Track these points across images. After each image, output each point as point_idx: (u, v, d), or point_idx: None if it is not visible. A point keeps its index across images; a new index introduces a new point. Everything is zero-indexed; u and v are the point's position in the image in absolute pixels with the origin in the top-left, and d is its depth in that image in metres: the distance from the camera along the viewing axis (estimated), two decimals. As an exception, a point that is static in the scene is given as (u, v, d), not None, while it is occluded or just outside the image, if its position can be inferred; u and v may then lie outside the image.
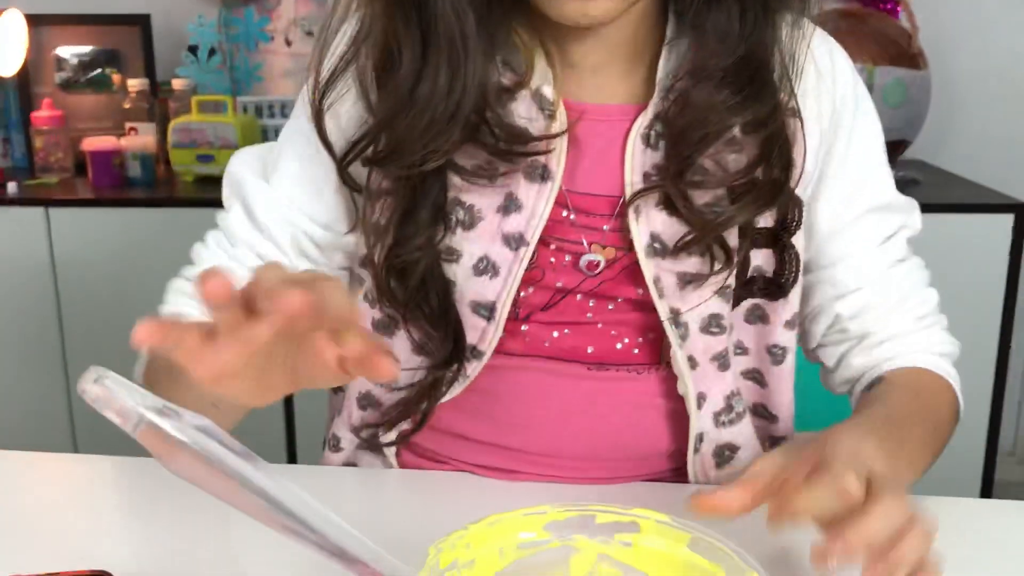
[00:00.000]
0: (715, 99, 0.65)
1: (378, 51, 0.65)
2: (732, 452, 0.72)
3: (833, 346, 0.76)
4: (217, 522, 0.60)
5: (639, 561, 0.43)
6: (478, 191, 0.67)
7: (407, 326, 0.69)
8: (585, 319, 0.70)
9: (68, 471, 0.77)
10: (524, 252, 0.67)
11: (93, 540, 0.62)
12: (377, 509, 0.68)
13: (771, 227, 0.70)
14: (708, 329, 0.69)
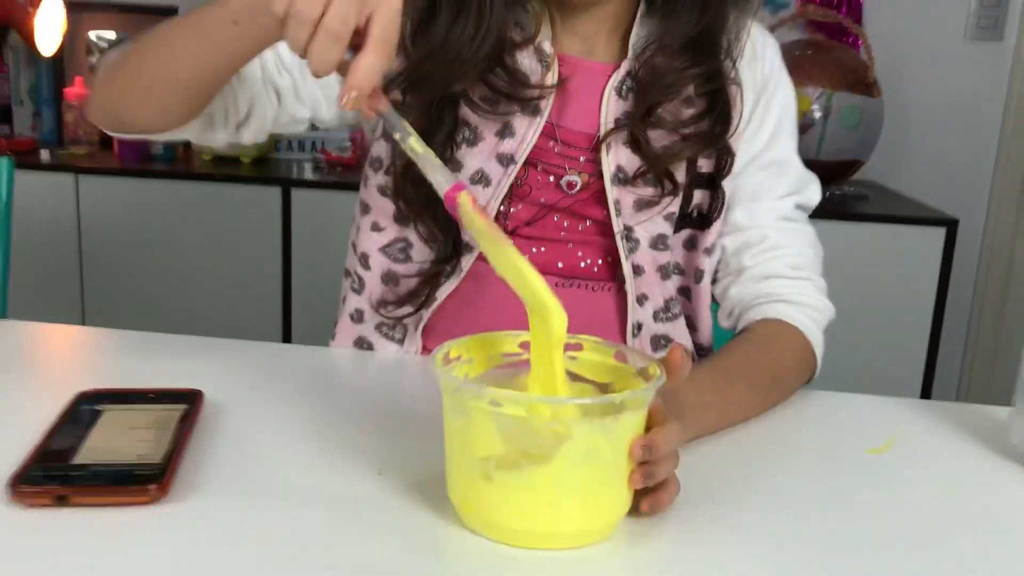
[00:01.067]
0: (674, 64, 0.84)
1: (419, 9, 0.83)
2: (667, 342, 0.91)
3: (719, 281, 0.94)
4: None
5: (581, 368, 0.63)
6: (482, 118, 0.86)
7: (417, 221, 0.88)
8: (559, 237, 0.89)
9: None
10: (512, 169, 0.86)
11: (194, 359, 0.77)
12: (393, 398, 0.85)
13: (709, 172, 0.89)
14: (656, 246, 0.88)
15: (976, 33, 2.41)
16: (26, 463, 0.59)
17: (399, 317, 0.90)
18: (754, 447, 0.74)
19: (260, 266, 2.13)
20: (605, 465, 0.54)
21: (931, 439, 0.76)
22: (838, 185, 2.28)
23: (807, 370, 0.87)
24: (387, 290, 0.92)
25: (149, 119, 0.81)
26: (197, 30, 0.73)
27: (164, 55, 0.76)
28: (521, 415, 0.53)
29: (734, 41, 0.87)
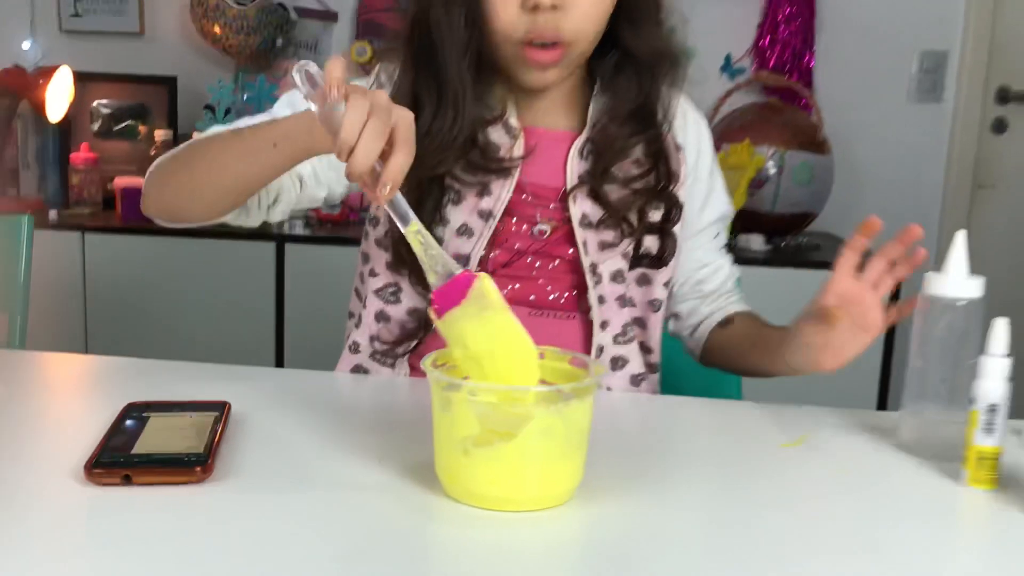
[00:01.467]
0: (622, 131, 1.02)
1: (407, 102, 0.98)
2: (624, 363, 1.07)
3: (688, 300, 1.14)
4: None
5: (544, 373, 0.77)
6: (463, 180, 1.01)
7: (412, 271, 1.03)
8: (531, 275, 1.04)
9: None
10: (491, 222, 1.02)
11: (215, 382, 0.91)
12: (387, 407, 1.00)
13: (658, 220, 1.05)
14: (615, 279, 1.04)
15: (917, 96, 2.62)
16: (95, 452, 0.73)
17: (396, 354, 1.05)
18: (689, 440, 0.89)
19: (255, 316, 2.27)
20: (560, 441, 0.68)
21: (838, 437, 0.91)
22: (793, 236, 2.46)
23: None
24: (381, 328, 1.07)
25: (197, 215, 0.98)
26: (241, 149, 0.90)
27: (212, 167, 0.93)
28: (493, 401, 0.67)
29: (667, 110, 1.05)
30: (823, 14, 2.57)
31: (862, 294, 0.88)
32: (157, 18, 2.66)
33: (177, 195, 0.97)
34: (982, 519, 0.75)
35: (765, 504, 0.74)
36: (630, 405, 1.03)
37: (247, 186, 0.93)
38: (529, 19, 0.95)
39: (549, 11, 0.94)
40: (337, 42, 2.65)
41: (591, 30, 0.98)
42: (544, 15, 0.94)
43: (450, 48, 0.97)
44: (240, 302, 2.27)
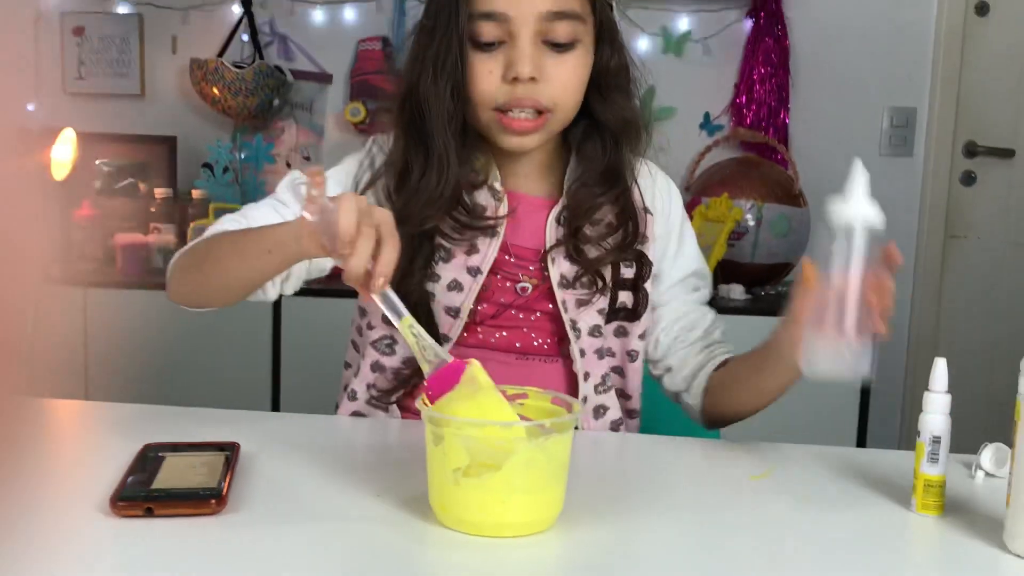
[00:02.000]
0: (592, 192, 1.10)
1: (399, 167, 1.09)
2: (604, 411, 1.13)
3: (678, 351, 1.17)
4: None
5: (527, 411, 0.85)
6: (453, 239, 1.09)
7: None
8: (516, 325, 1.12)
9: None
10: (479, 278, 1.09)
11: (223, 425, 0.98)
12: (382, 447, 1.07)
13: (631, 277, 1.13)
14: (592, 333, 1.12)
15: (889, 150, 2.73)
16: (119, 487, 0.80)
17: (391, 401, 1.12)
18: (664, 473, 0.96)
19: (252, 368, 2.34)
20: (542, 472, 0.76)
21: (802, 470, 0.98)
22: (772, 285, 2.54)
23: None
24: (377, 377, 1.14)
25: (216, 305, 1.09)
26: (241, 254, 0.99)
27: (218, 269, 1.03)
28: (480, 435, 0.75)
29: (633, 172, 1.14)
30: (797, 73, 2.69)
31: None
32: (157, 80, 2.77)
33: (194, 290, 1.09)
34: (930, 542, 0.82)
35: (733, 530, 0.81)
36: (610, 442, 1.10)
37: (251, 284, 1.04)
38: (509, 89, 1.03)
39: (529, 82, 1.02)
40: (331, 102, 2.76)
41: (569, 100, 1.06)
42: (523, 86, 1.02)
43: (437, 115, 1.05)
44: (237, 355, 2.34)
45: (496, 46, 1.04)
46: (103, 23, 2.73)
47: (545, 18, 1.02)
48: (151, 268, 2.46)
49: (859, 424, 2.29)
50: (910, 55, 2.70)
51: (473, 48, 1.04)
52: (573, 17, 1.03)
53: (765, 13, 2.66)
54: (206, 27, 2.73)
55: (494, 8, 1.02)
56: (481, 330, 1.12)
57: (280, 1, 2.73)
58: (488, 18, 1.02)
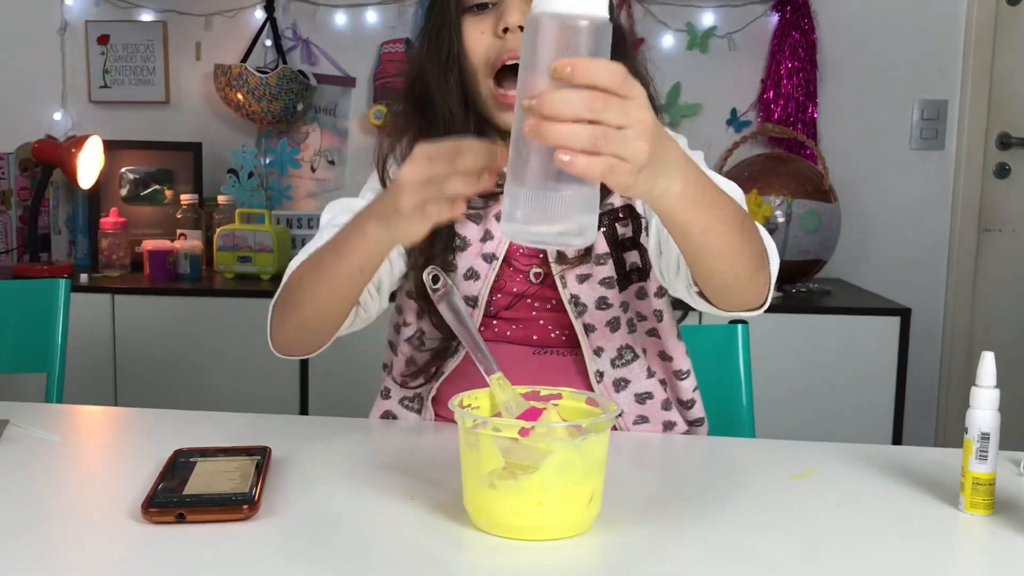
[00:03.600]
0: None
1: (412, 140, 1.09)
2: (625, 384, 1.11)
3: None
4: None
5: (562, 412, 0.83)
6: (469, 228, 1.09)
7: (430, 315, 1.10)
8: (531, 316, 1.10)
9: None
10: (495, 264, 1.09)
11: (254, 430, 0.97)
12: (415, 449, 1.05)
13: (630, 236, 1.10)
14: (599, 306, 1.09)
15: (919, 143, 2.68)
16: (150, 493, 0.79)
17: (416, 387, 1.11)
18: (703, 473, 0.94)
19: (279, 371, 2.33)
20: (578, 473, 0.74)
21: (843, 469, 0.96)
22: (804, 282, 2.51)
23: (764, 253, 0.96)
24: (406, 369, 1.14)
25: (324, 339, 1.07)
26: (330, 273, 0.96)
27: (315, 299, 1.00)
28: (515, 437, 0.73)
29: None
30: (825, 67, 2.65)
31: None
32: (182, 87, 2.77)
33: (297, 335, 1.06)
34: (980, 542, 0.80)
35: (775, 532, 0.79)
36: (646, 441, 1.08)
37: (350, 296, 1.01)
38: (500, 43, 1.03)
39: (519, 32, 1.02)
40: (355, 105, 2.75)
41: None
42: (514, 36, 1.03)
43: (437, 85, 1.07)
44: (264, 358, 2.33)
45: (488, 8, 1.05)
46: (127, 31, 2.74)
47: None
48: (177, 275, 2.47)
49: (895, 420, 2.25)
50: (940, 47, 2.65)
51: (466, 15, 1.06)
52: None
53: (791, 7, 2.62)
54: (229, 33, 2.74)
55: None
56: (497, 323, 1.11)
57: (302, 5, 2.73)
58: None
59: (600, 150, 0.65)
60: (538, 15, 0.66)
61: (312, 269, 1.00)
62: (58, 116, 2.78)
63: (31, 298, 1.69)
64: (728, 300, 0.97)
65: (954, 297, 2.70)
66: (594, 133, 0.64)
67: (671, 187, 0.74)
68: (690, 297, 1.03)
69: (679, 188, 0.75)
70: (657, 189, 0.73)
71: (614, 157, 0.66)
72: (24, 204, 2.63)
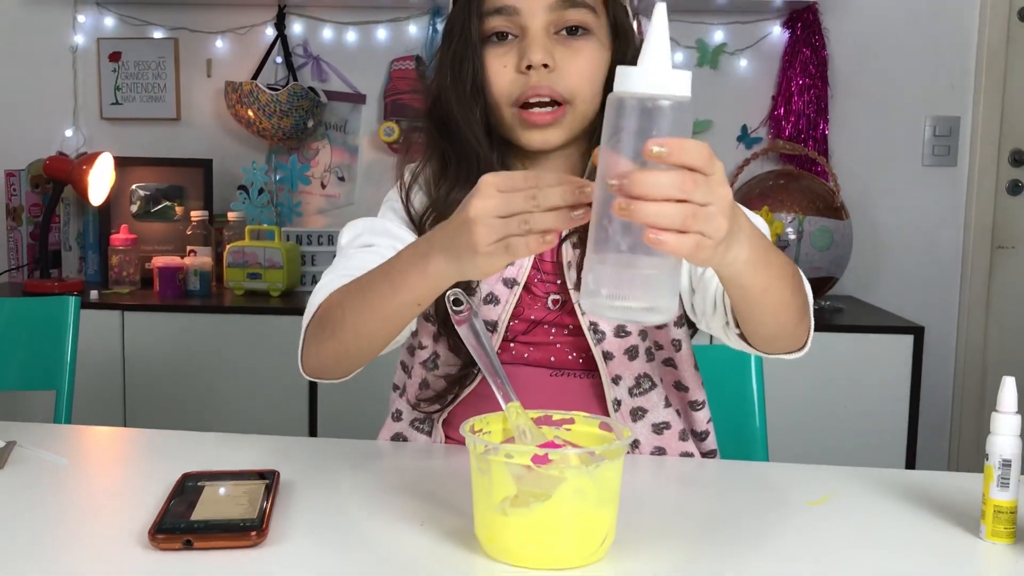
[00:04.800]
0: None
1: (437, 165, 1.10)
2: (643, 413, 1.09)
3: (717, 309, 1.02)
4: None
5: (574, 437, 0.82)
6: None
7: (448, 338, 1.09)
8: (548, 340, 1.09)
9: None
10: (516, 289, 1.08)
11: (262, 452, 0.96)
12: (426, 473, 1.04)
13: None
14: (618, 334, 1.08)
15: (931, 160, 2.67)
16: (157, 519, 0.78)
17: (429, 412, 1.10)
18: (718, 499, 0.92)
19: (289, 388, 2.32)
20: (592, 501, 0.73)
21: (861, 494, 0.94)
22: (816, 300, 2.49)
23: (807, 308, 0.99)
24: (421, 392, 1.13)
25: (359, 365, 1.03)
26: (383, 314, 0.93)
27: (360, 335, 0.96)
28: (528, 464, 0.72)
29: None
30: (836, 83, 2.64)
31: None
32: (193, 104, 2.78)
33: (335, 361, 1.02)
34: (1002, 572, 0.78)
35: (793, 559, 0.78)
36: (661, 467, 1.07)
37: (390, 339, 0.99)
38: (524, 79, 1.03)
39: (543, 70, 1.02)
40: (366, 122, 2.75)
41: (586, 90, 1.04)
42: (538, 73, 1.02)
43: (461, 116, 1.06)
44: (274, 374, 2.33)
45: (509, 40, 1.04)
46: (139, 48, 2.75)
47: (554, 7, 1.02)
48: (187, 291, 2.46)
49: (908, 439, 2.23)
50: (952, 63, 2.64)
51: (487, 45, 1.05)
52: (583, 5, 1.03)
53: (802, 23, 2.62)
54: (240, 50, 2.74)
55: (503, 2, 1.03)
56: (514, 346, 1.10)
57: (313, 23, 2.73)
58: (498, 13, 1.03)
59: (688, 228, 0.67)
60: (622, 96, 0.67)
61: (358, 297, 0.95)
62: (69, 133, 2.79)
63: (41, 316, 1.69)
64: (772, 346, 0.99)
65: (967, 315, 2.68)
66: (684, 212, 0.66)
67: (740, 255, 0.77)
68: (727, 337, 1.04)
69: (746, 255, 0.78)
70: (728, 258, 0.76)
71: (699, 235, 0.68)
72: (35, 220, 2.64)
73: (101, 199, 2.51)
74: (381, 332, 0.96)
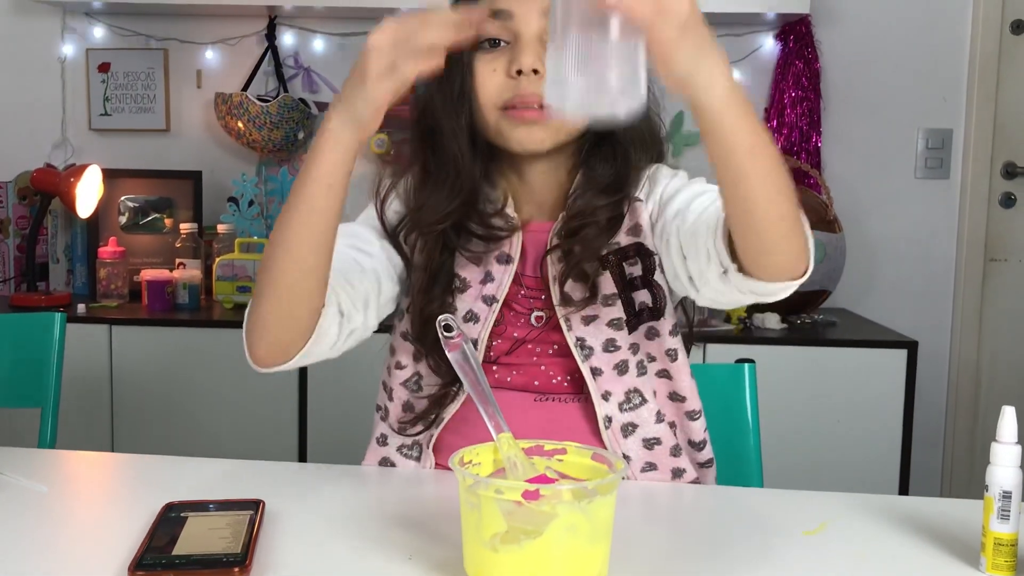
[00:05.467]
0: (590, 202, 1.05)
1: (418, 176, 1.08)
2: (633, 428, 1.07)
3: (698, 233, 0.97)
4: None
5: (566, 468, 0.80)
6: (469, 269, 1.07)
7: (428, 358, 1.07)
8: (532, 361, 1.08)
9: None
10: (495, 307, 1.06)
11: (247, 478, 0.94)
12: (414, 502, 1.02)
13: (640, 275, 1.07)
14: (607, 349, 1.06)
15: (924, 173, 2.66)
16: (138, 554, 0.76)
17: (414, 435, 1.08)
18: (713, 529, 0.91)
19: (278, 404, 2.30)
20: (585, 537, 0.71)
21: (857, 523, 0.93)
22: (809, 313, 2.48)
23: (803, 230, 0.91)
24: (403, 415, 1.10)
25: (303, 326, 0.96)
26: (303, 224, 0.90)
27: (290, 251, 0.92)
28: (518, 499, 0.70)
29: (637, 181, 1.09)
30: (828, 96, 2.64)
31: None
32: (182, 115, 2.76)
33: (273, 321, 0.97)
34: (1002, 605, 0.77)
35: (787, 594, 0.76)
36: (654, 494, 1.05)
37: (321, 255, 0.93)
38: (513, 84, 1.01)
39: (532, 76, 1.00)
40: (356, 134, 2.73)
41: None
42: (528, 79, 1.00)
43: (446, 121, 1.05)
44: (263, 389, 2.30)
45: (500, 46, 1.03)
46: (129, 59, 2.73)
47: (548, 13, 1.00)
48: (176, 305, 2.44)
49: (902, 454, 2.21)
50: (945, 75, 2.64)
51: (478, 52, 1.03)
52: None
53: (794, 35, 2.61)
54: (230, 61, 2.72)
55: (497, 6, 1.01)
56: (497, 369, 1.08)
57: (304, 34, 2.72)
58: (492, 17, 1.01)
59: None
60: None
61: (277, 225, 0.93)
62: (58, 143, 2.76)
63: (26, 332, 1.66)
64: (768, 260, 0.89)
65: (960, 327, 2.67)
66: None
67: (716, 79, 0.76)
68: (727, 285, 0.95)
69: (725, 83, 0.76)
70: (702, 73, 0.75)
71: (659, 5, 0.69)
72: (22, 233, 2.61)
73: (89, 211, 2.49)
74: (305, 254, 0.92)
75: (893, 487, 2.21)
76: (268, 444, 2.30)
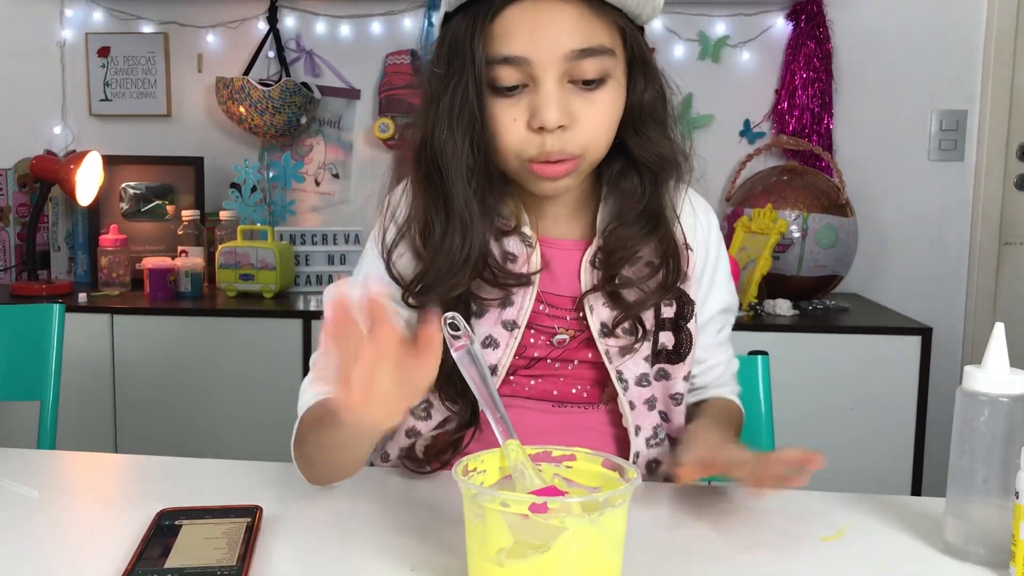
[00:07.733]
0: (630, 232, 1.00)
1: (420, 226, 1.00)
2: (657, 465, 1.05)
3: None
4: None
5: (575, 475, 0.77)
6: (486, 290, 0.99)
7: (439, 390, 1.00)
8: (551, 374, 1.04)
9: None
10: (516, 332, 1.01)
11: (246, 481, 0.92)
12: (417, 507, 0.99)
13: (671, 317, 1.04)
14: (640, 383, 1.03)
15: (938, 155, 2.61)
16: (129, 566, 0.72)
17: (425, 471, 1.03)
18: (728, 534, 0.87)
19: (282, 394, 2.27)
20: (596, 551, 0.67)
21: (877, 528, 0.89)
22: (820, 299, 2.44)
23: (742, 418, 1.17)
24: (409, 444, 1.05)
25: (347, 474, 0.98)
26: (336, 461, 0.94)
27: (330, 467, 0.96)
28: (525, 512, 0.67)
29: (674, 208, 1.04)
30: (841, 77, 2.59)
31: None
32: (184, 100, 2.72)
33: (323, 479, 0.99)
34: (1032, 618, 0.73)
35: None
36: (665, 497, 1.01)
37: (364, 454, 0.94)
38: (538, 139, 0.93)
39: (558, 131, 0.92)
40: (360, 118, 2.69)
41: (601, 142, 0.96)
42: (553, 136, 0.92)
43: (455, 170, 0.96)
44: (266, 378, 2.28)
45: (518, 90, 0.93)
46: (128, 43, 2.69)
47: (570, 57, 0.91)
48: (178, 293, 2.41)
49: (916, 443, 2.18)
50: (959, 56, 2.58)
51: (492, 94, 0.93)
52: (601, 53, 0.92)
53: (806, 16, 2.55)
54: (232, 45, 2.68)
55: (512, 52, 0.91)
56: (514, 379, 1.04)
57: (306, 17, 2.67)
58: (506, 63, 0.91)
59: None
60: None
61: (315, 443, 0.95)
62: (58, 130, 2.73)
63: (24, 323, 1.63)
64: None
65: (974, 311, 2.63)
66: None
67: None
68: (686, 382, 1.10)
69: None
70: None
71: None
72: (22, 221, 2.58)
73: (90, 199, 2.46)
74: (348, 466, 0.96)
75: (907, 475, 2.17)
76: (272, 433, 2.27)
